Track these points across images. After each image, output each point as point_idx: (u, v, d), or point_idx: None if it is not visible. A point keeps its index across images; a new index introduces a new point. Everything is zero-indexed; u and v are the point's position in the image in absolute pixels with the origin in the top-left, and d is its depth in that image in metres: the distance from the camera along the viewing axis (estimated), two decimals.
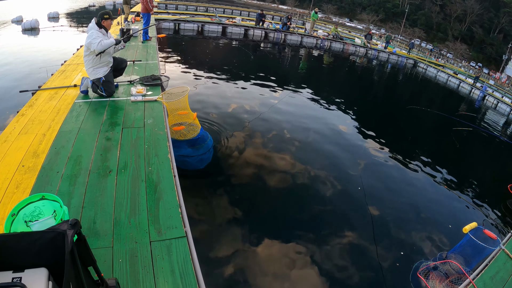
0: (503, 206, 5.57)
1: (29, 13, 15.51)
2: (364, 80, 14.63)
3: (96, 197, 2.50)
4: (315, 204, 4.48)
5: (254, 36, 17.22)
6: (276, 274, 3.23)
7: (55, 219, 1.91)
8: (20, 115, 3.77)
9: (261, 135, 6.05)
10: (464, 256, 3.41)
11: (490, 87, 18.68)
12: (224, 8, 26.86)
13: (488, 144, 9.77)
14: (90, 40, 4.02)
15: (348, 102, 9.90)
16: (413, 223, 4.50)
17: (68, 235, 1.19)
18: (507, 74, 39.10)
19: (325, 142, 6.34)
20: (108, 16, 4.15)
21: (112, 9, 22.79)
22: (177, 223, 2.34)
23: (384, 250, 3.85)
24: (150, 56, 7.14)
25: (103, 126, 3.63)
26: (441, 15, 52.84)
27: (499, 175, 7.49)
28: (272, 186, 4.67)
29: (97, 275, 1.48)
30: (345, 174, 5.41)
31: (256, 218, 4.01)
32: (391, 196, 5.09)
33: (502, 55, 44.23)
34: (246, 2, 50.91)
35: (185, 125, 4.46)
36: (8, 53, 9.30)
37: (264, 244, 3.56)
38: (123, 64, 4.84)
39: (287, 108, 7.67)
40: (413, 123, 9.64)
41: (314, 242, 3.72)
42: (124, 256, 2.03)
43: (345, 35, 23.41)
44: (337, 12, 57.73)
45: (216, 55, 12.65)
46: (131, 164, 2.96)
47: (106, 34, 4.25)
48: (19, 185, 2.55)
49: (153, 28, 10.34)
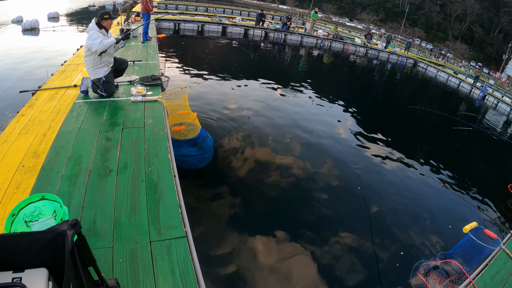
0: (503, 206, 5.57)
1: (29, 13, 15.51)
2: (364, 80, 14.63)
3: (96, 197, 2.50)
4: (315, 205, 4.48)
5: (254, 36, 17.21)
6: (276, 274, 3.23)
7: (55, 219, 1.91)
8: (20, 115, 3.77)
9: (261, 135, 6.05)
10: (464, 256, 3.41)
11: (490, 87, 18.69)
12: (224, 8, 26.87)
13: (488, 144, 9.77)
14: (91, 41, 4.02)
15: (348, 102, 9.89)
16: (413, 223, 4.50)
17: (68, 235, 1.19)
18: (507, 73, 39.07)
19: (325, 142, 6.34)
20: (108, 16, 4.15)
21: (112, 9, 22.79)
22: (177, 223, 2.34)
23: (384, 250, 3.85)
24: (150, 56, 7.15)
25: (103, 126, 3.63)
26: (441, 14, 52.81)
27: (499, 175, 7.49)
28: (272, 186, 4.67)
29: (97, 275, 1.48)
30: (344, 173, 5.41)
31: (257, 218, 4.01)
32: (391, 196, 5.10)
33: (502, 55, 44.21)
34: (246, 2, 50.90)
35: (185, 125, 4.46)
36: (8, 53, 9.30)
37: (264, 244, 3.56)
38: (124, 65, 4.84)
39: (287, 107, 7.67)
40: (412, 123, 9.64)
41: (314, 242, 3.72)
42: (124, 256, 2.03)
43: (345, 35, 23.41)
44: (337, 12, 57.70)
45: (216, 55, 12.65)
46: (131, 164, 2.96)
47: (107, 34, 4.25)
48: (19, 185, 2.55)
49: (153, 28, 10.35)
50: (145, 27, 8.89)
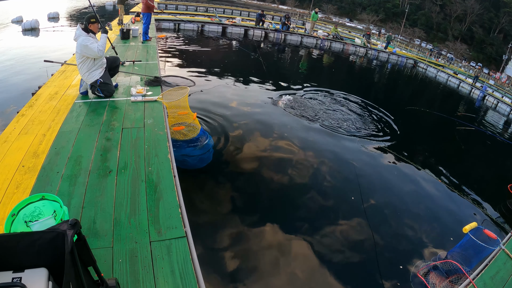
0: (503, 206, 5.57)
1: (29, 13, 15.51)
2: (364, 80, 14.63)
3: (96, 197, 2.51)
4: (315, 206, 4.48)
5: (254, 36, 17.22)
6: (276, 274, 3.23)
7: (55, 219, 1.91)
8: (20, 115, 3.77)
9: (261, 134, 6.05)
10: (464, 256, 3.41)
11: (490, 87, 18.68)
12: (224, 8, 26.88)
13: (488, 144, 9.76)
14: (85, 50, 3.96)
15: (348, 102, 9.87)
16: (413, 223, 4.50)
17: (68, 235, 1.19)
18: (507, 74, 39.08)
19: (325, 142, 6.34)
20: (94, 20, 4.08)
21: (112, 9, 22.81)
22: (177, 223, 2.34)
23: (384, 249, 3.85)
24: (150, 56, 7.15)
25: (103, 126, 3.63)
26: (441, 15, 52.84)
27: (499, 175, 7.49)
28: (273, 186, 4.67)
29: (97, 275, 1.49)
30: (344, 173, 5.41)
31: (257, 218, 4.00)
32: (391, 196, 5.09)
33: (502, 55, 44.24)
34: (246, 2, 50.93)
35: (185, 125, 4.47)
36: (8, 54, 9.30)
37: (265, 244, 3.56)
38: (116, 62, 4.82)
39: (287, 107, 7.66)
40: (412, 123, 9.64)
41: (314, 243, 3.72)
42: (124, 256, 2.03)
43: (345, 35, 23.43)
44: (337, 12, 57.73)
45: (216, 55, 12.65)
46: (131, 164, 2.96)
47: (95, 37, 4.16)
48: (19, 186, 2.55)
49: (153, 28, 10.35)
50: (145, 27, 8.89)
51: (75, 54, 4.12)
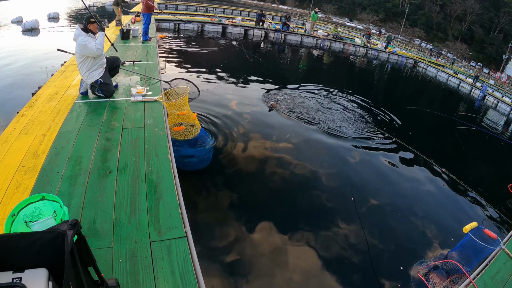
0: (503, 206, 5.56)
1: (29, 14, 15.51)
2: (364, 80, 14.63)
3: (96, 198, 2.51)
4: (315, 206, 4.48)
5: (254, 36, 17.22)
6: (277, 274, 3.23)
7: (55, 219, 1.91)
8: (20, 115, 3.77)
9: (261, 135, 6.05)
10: (464, 256, 3.41)
11: (490, 87, 18.67)
12: (224, 8, 26.86)
13: (488, 144, 9.76)
14: (84, 49, 3.98)
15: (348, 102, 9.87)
16: (413, 223, 4.50)
17: (68, 235, 1.20)
18: (507, 73, 39.06)
19: (325, 142, 6.34)
20: (93, 20, 4.12)
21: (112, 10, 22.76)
22: (177, 223, 2.34)
23: (384, 249, 3.85)
24: (150, 56, 7.15)
25: (103, 126, 3.63)
26: (441, 15, 52.82)
27: (499, 175, 7.49)
28: (273, 186, 4.67)
29: (97, 275, 1.49)
30: (343, 173, 5.41)
31: (257, 218, 4.00)
32: (391, 196, 5.09)
33: (502, 55, 44.19)
34: (246, 2, 50.91)
35: (185, 125, 4.47)
36: (8, 54, 9.30)
37: (265, 244, 3.56)
38: (117, 62, 4.83)
39: (287, 107, 7.66)
40: (412, 123, 9.63)
41: (314, 244, 3.72)
42: (124, 256, 2.03)
43: (345, 35, 23.42)
44: (337, 12, 57.71)
45: (216, 55, 12.65)
46: (131, 165, 2.96)
47: (94, 37, 4.18)
48: (19, 186, 2.55)
49: (153, 28, 10.35)
50: (145, 27, 8.89)
51: (75, 54, 4.13)
